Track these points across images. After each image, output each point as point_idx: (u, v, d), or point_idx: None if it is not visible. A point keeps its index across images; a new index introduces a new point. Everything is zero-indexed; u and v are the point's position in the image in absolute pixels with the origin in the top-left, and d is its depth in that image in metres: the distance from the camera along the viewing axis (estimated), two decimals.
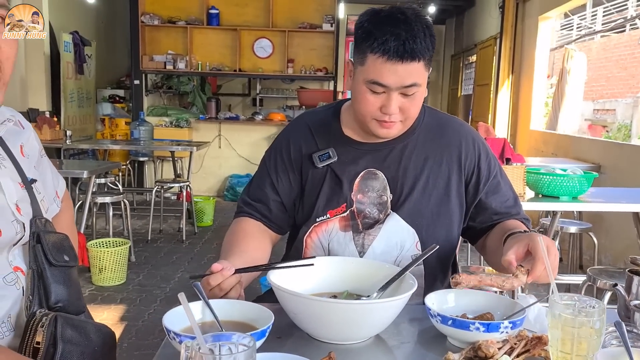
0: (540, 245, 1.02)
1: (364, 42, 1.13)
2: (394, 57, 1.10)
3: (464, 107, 8.39)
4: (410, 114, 1.18)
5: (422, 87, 1.16)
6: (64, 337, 0.88)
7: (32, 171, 1.02)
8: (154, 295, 3.45)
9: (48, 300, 0.94)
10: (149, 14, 6.60)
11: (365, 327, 0.97)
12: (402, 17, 1.12)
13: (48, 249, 0.95)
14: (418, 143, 1.27)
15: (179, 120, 6.83)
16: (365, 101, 1.16)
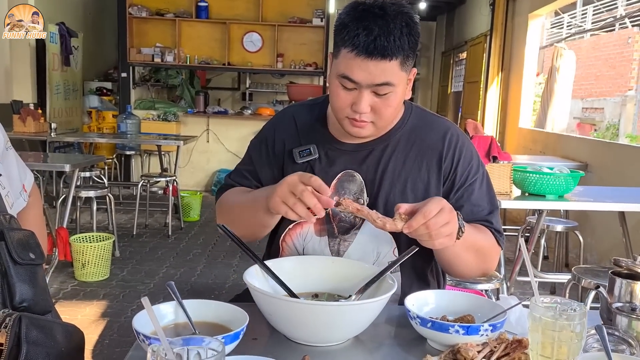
0: (429, 204, 1.01)
1: (338, 35, 1.11)
2: (362, 53, 1.06)
3: (454, 104, 8.40)
4: (383, 116, 1.13)
5: (398, 87, 1.11)
6: (29, 338, 0.84)
7: None
8: (137, 291, 3.41)
9: (12, 300, 0.90)
10: (137, 5, 6.52)
11: (343, 329, 0.95)
12: (380, 12, 1.07)
13: (12, 246, 0.92)
14: (399, 145, 1.23)
15: (166, 113, 6.77)
16: (336, 96, 1.13)
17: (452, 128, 1.28)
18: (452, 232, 1.04)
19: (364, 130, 1.15)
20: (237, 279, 3.70)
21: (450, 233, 1.03)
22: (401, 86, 1.12)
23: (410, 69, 1.13)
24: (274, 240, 1.28)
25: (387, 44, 1.05)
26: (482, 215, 1.22)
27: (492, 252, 1.23)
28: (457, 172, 1.22)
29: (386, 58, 1.06)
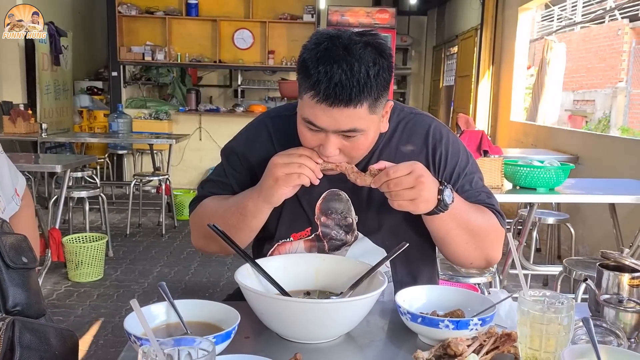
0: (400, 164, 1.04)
1: (300, 74, 1.03)
2: (325, 101, 0.98)
3: (446, 98, 8.41)
4: (354, 156, 1.08)
5: (368, 131, 1.04)
6: (22, 342, 0.85)
7: None
8: (131, 291, 3.41)
9: (5, 304, 0.91)
10: (126, 3, 6.49)
11: (335, 326, 0.96)
12: (343, 52, 0.97)
13: (5, 250, 0.92)
14: (382, 156, 1.16)
15: (158, 112, 6.74)
16: (303, 137, 1.07)
17: (434, 125, 1.22)
18: (416, 197, 1.02)
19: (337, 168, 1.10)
20: (231, 278, 3.68)
21: (413, 198, 1.02)
22: (372, 128, 1.05)
23: (384, 105, 1.06)
24: (260, 254, 1.23)
25: (351, 90, 0.96)
26: (482, 200, 1.20)
27: (493, 234, 1.18)
28: (447, 170, 1.19)
29: (350, 105, 0.98)
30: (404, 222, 1.18)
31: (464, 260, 1.20)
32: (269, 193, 1.07)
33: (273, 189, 1.06)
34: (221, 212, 1.16)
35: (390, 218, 1.17)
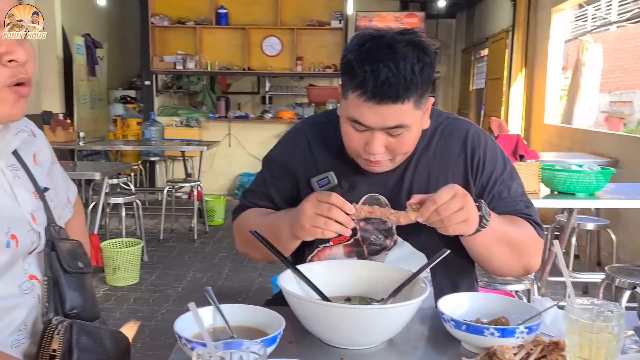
0: (441, 190, 1.01)
1: (345, 76, 1.05)
2: (372, 99, 1.00)
3: (476, 102, 8.32)
4: (399, 153, 1.10)
5: (413, 127, 1.06)
6: (80, 344, 0.87)
7: (44, 179, 1.02)
8: (166, 295, 3.46)
9: (63, 307, 0.93)
10: (159, 15, 6.62)
11: (376, 332, 0.96)
12: (389, 50, 1.00)
13: (62, 256, 0.95)
14: (420, 160, 1.18)
15: (189, 119, 6.85)
16: (348, 137, 1.09)
17: (472, 130, 1.22)
18: (467, 217, 1.02)
19: (380, 167, 1.13)
20: (263, 283, 3.73)
21: (465, 219, 1.01)
22: (417, 124, 1.07)
23: (426, 102, 1.08)
24: (300, 261, 1.24)
25: (398, 86, 0.99)
26: (520, 210, 1.19)
27: (531, 245, 1.18)
28: (484, 176, 1.19)
29: (398, 102, 1.01)
30: None
31: (503, 272, 1.22)
32: (300, 234, 1.08)
33: (302, 234, 1.08)
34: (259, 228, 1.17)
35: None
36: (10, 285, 0.90)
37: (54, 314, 0.93)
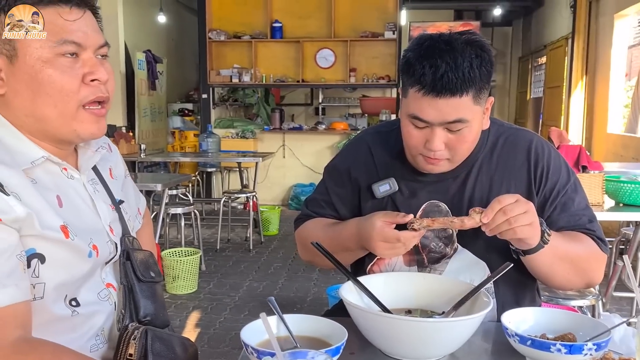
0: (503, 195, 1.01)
1: (405, 74, 1.08)
2: (430, 92, 1.03)
3: (534, 111, 8.10)
4: (458, 151, 1.11)
5: (472, 122, 1.07)
6: (154, 349, 0.92)
7: (119, 192, 1.09)
8: (224, 304, 3.54)
9: (138, 314, 0.99)
10: (216, 30, 6.83)
11: (438, 346, 0.96)
12: (447, 47, 1.03)
13: (137, 265, 1.01)
14: (482, 169, 1.19)
15: (244, 131, 7.01)
16: (409, 135, 1.11)
17: (535, 140, 1.22)
18: (532, 221, 1.01)
19: (439, 167, 1.13)
20: (318, 293, 3.75)
21: (530, 222, 1.01)
22: (476, 120, 1.08)
23: (486, 99, 1.09)
24: (361, 269, 1.26)
25: (456, 79, 1.01)
26: (582, 225, 1.17)
27: (594, 261, 1.16)
28: (548, 187, 1.18)
29: (456, 94, 1.02)
30: None
31: (564, 288, 1.23)
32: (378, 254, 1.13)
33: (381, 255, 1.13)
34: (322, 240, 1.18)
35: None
36: (90, 293, 0.96)
37: (129, 320, 0.98)
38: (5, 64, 0.87)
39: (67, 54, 0.87)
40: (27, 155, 0.89)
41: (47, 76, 0.86)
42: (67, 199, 0.92)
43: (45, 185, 0.89)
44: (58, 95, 0.87)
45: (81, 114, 0.90)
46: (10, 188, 0.82)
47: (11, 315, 0.77)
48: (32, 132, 0.90)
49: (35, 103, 0.87)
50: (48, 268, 0.86)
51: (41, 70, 0.86)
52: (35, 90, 0.86)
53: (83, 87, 0.89)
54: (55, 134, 0.91)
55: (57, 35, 0.86)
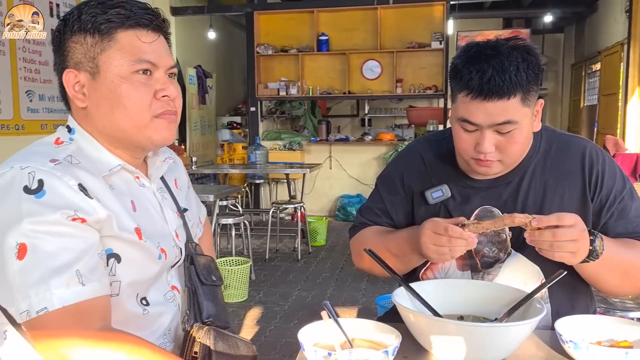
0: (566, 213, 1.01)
1: (453, 80, 1.12)
2: (479, 96, 1.06)
3: (588, 119, 7.85)
4: (509, 153, 1.12)
5: (521, 124, 1.09)
6: (217, 348, 0.98)
7: (183, 201, 1.17)
8: (274, 312, 3.61)
9: (201, 315, 1.05)
10: (264, 44, 7.00)
11: (492, 351, 0.97)
12: (493, 52, 1.06)
13: (200, 270, 1.08)
14: (535, 174, 1.20)
15: (291, 143, 7.12)
16: (459, 139, 1.14)
17: (589, 147, 1.22)
18: (576, 251, 1.02)
19: (491, 169, 1.15)
20: (367, 303, 3.76)
21: (574, 251, 1.01)
22: (525, 121, 1.10)
23: (535, 101, 1.11)
24: (413, 274, 1.29)
25: (503, 82, 1.04)
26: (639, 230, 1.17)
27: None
28: (603, 193, 1.17)
29: (504, 97, 1.05)
30: None
31: (614, 293, 1.27)
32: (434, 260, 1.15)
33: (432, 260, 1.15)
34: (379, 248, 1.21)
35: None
36: (157, 294, 1.03)
37: (193, 320, 1.05)
38: (89, 80, 0.96)
39: (141, 72, 0.95)
40: (106, 163, 0.97)
41: (124, 90, 0.94)
42: (140, 205, 1.00)
43: (121, 191, 0.97)
44: (133, 108, 0.95)
45: (155, 123, 0.98)
46: (93, 193, 0.90)
47: (95, 307, 0.85)
48: (109, 141, 0.99)
49: (114, 115, 0.95)
50: (123, 267, 0.93)
51: (119, 85, 0.94)
52: (113, 103, 0.95)
53: (155, 101, 0.97)
54: (131, 142, 0.99)
55: (134, 55, 0.95)
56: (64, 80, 0.97)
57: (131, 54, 0.94)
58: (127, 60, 0.94)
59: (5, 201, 0.86)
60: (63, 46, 0.97)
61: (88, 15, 0.94)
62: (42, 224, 0.84)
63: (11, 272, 0.83)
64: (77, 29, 0.95)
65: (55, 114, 5.34)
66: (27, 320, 0.83)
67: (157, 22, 0.98)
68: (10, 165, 0.89)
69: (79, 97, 0.97)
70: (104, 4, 0.95)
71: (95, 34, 0.94)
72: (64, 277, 0.83)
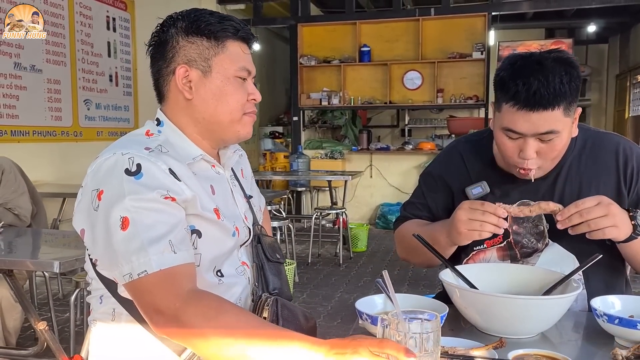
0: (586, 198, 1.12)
1: (499, 91, 1.20)
2: (525, 107, 1.14)
3: (634, 129, 7.72)
4: (549, 158, 1.21)
5: (563, 132, 1.17)
6: (283, 315, 1.12)
7: (249, 189, 1.32)
8: (317, 312, 3.73)
9: (267, 287, 1.19)
10: (307, 55, 7.20)
11: (533, 323, 1.07)
12: (538, 66, 1.14)
13: (266, 248, 1.23)
14: (571, 170, 1.28)
15: (333, 152, 7.27)
16: (503, 146, 1.23)
17: (622, 142, 1.31)
18: (615, 224, 1.11)
19: (531, 175, 1.24)
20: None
21: (613, 224, 1.11)
22: (566, 130, 1.18)
23: (575, 111, 1.19)
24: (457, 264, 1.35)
25: (548, 95, 1.12)
26: None
27: None
28: (639, 185, 1.26)
29: (548, 108, 1.13)
30: None
31: None
32: (457, 239, 1.22)
33: (458, 239, 1.22)
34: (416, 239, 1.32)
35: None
36: (230, 268, 1.17)
37: (261, 291, 1.19)
38: (199, 77, 1.12)
39: (240, 77, 1.13)
40: (189, 152, 1.13)
41: (230, 90, 1.12)
42: (218, 189, 1.16)
43: (202, 176, 1.13)
44: (234, 104, 1.12)
45: (244, 119, 1.15)
46: (181, 176, 1.06)
47: (185, 272, 0.99)
48: (200, 132, 1.15)
49: (217, 109, 1.12)
50: (203, 242, 1.08)
51: (226, 85, 1.11)
52: (219, 98, 1.12)
53: (246, 102, 1.14)
54: (220, 135, 1.15)
55: (239, 63, 1.12)
56: (177, 73, 1.11)
57: (237, 62, 1.12)
58: (234, 66, 1.12)
59: (110, 181, 1.02)
60: (174, 43, 1.12)
61: (205, 23, 1.11)
62: (142, 201, 0.99)
63: (115, 240, 0.99)
64: (192, 31, 1.11)
65: (110, 122, 5.67)
66: (129, 282, 0.99)
67: (253, 38, 1.16)
68: (112, 152, 1.05)
69: (187, 90, 1.12)
70: (216, 15, 1.13)
71: (210, 39, 1.11)
72: (160, 246, 0.98)
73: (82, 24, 5.27)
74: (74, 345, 2.56)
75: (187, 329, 0.94)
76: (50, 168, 4.79)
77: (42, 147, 4.75)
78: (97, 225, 1.01)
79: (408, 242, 1.35)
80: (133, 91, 6.01)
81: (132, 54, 6.00)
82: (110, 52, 5.69)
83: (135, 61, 6.06)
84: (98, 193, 1.02)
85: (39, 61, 4.68)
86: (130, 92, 6.00)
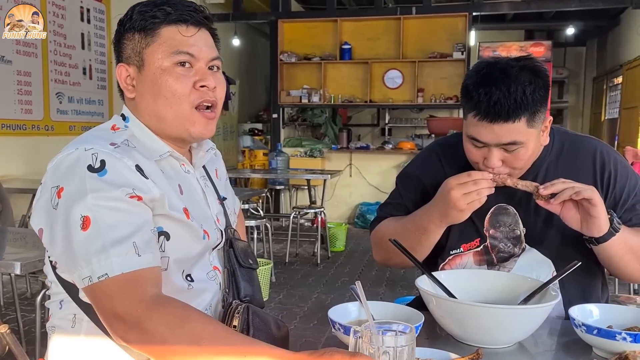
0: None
1: (463, 98, 1.20)
2: (485, 118, 1.12)
3: (609, 132, 7.84)
4: (517, 166, 1.19)
5: (528, 143, 1.15)
6: (254, 323, 1.07)
7: (222, 190, 1.26)
8: (293, 313, 3.68)
9: (239, 294, 1.14)
10: (287, 52, 7.13)
11: (509, 333, 1.04)
12: (501, 75, 1.12)
13: (238, 253, 1.17)
14: (549, 173, 1.26)
15: (312, 150, 7.22)
16: (469, 153, 1.22)
17: (600, 145, 1.29)
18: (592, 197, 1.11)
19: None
20: None
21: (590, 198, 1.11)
22: (531, 141, 1.16)
23: (542, 120, 1.17)
24: (434, 269, 1.33)
25: (508, 106, 1.10)
26: None
27: None
28: (617, 190, 1.24)
29: (509, 120, 1.11)
30: (571, 233, 1.23)
31: (635, 278, 1.27)
32: (457, 217, 1.20)
33: (460, 216, 1.20)
34: (400, 231, 1.31)
35: (557, 229, 1.24)
36: (201, 272, 1.12)
37: (232, 298, 1.14)
38: (136, 73, 1.06)
39: (180, 63, 1.04)
40: (156, 149, 1.07)
41: (164, 82, 1.03)
42: (186, 188, 1.10)
43: (170, 174, 1.07)
44: (172, 98, 1.04)
45: (194, 115, 1.06)
46: (148, 174, 0.99)
47: (149, 276, 0.93)
48: (155, 131, 1.08)
49: (156, 104, 1.05)
50: (171, 244, 1.03)
51: (160, 77, 1.03)
52: (155, 94, 1.04)
53: (193, 91, 1.05)
54: (171, 133, 1.08)
55: (173, 47, 1.03)
56: (117, 73, 1.08)
57: (171, 47, 1.03)
58: (167, 53, 1.03)
59: (71, 178, 0.95)
60: (118, 44, 1.08)
61: (137, 14, 1.05)
62: (104, 200, 0.93)
63: (76, 241, 0.92)
64: (128, 27, 1.06)
65: (83, 116, 5.52)
66: (89, 285, 0.92)
67: (198, 17, 1.06)
68: (75, 147, 0.98)
69: (129, 89, 1.07)
70: (153, 3, 1.06)
71: (142, 30, 1.04)
72: (122, 248, 0.92)
73: (55, 14, 5.11)
74: (40, 348, 2.47)
75: (149, 337, 0.88)
76: (20, 163, 4.65)
77: (11, 141, 4.60)
78: (56, 225, 0.95)
79: (385, 244, 1.32)
80: (108, 85, 5.87)
81: (107, 47, 5.85)
82: (84, 44, 5.54)
83: (110, 54, 5.91)
84: (58, 190, 0.95)
85: (8, 52, 4.52)
86: (104, 86, 5.85)
